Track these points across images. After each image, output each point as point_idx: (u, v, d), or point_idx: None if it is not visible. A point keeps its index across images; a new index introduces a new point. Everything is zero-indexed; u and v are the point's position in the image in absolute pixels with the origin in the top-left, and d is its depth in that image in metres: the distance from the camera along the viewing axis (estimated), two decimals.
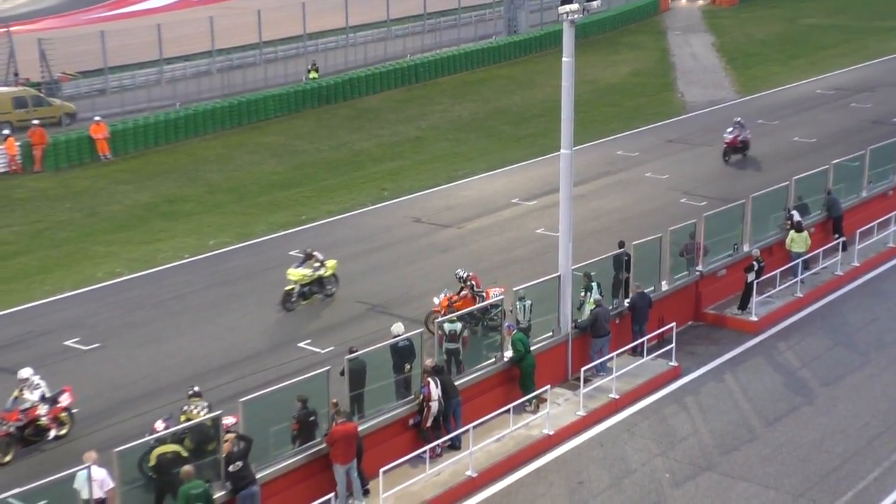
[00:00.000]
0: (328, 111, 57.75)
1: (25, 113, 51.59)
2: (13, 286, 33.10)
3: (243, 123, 54.45)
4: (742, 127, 44.95)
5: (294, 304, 30.16)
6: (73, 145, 47.80)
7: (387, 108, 58.80)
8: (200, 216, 40.39)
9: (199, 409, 21.58)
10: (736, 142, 44.60)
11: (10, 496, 17.85)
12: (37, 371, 24.10)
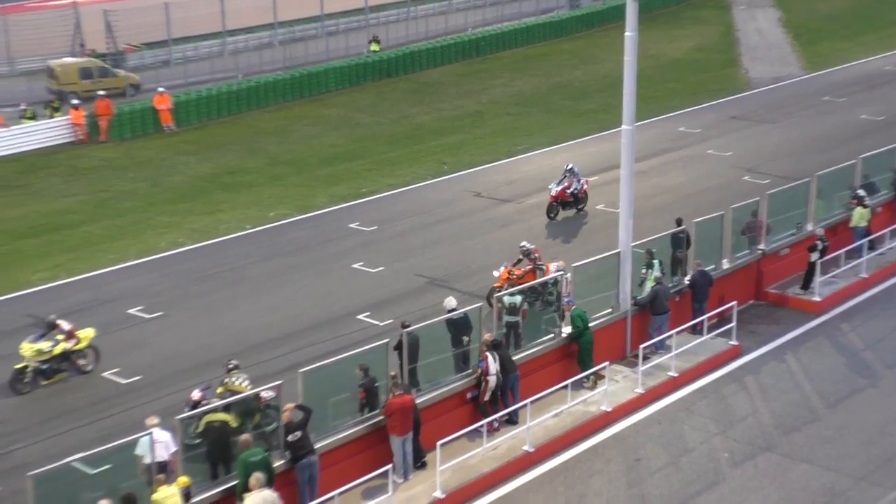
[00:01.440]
0: (389, 84, 57.76)
1: (91, 84, 52.16)
2: (79, 254, 33.57)
3: (304, 96, 54.62)
4: (574, 175, 35.62)
5: (27, 387, 24.55)
6: (137, 116, 48.28)
7: (447, 81, 58.68)
8: (261, 188, 40.65)
9: (238, 381, 21.66)
10: (564, 194, 35.33)
11: (74, 460, 18.16)
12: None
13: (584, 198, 35.65)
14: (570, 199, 35.31)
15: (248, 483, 18.16)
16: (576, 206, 35.56)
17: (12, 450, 21.84)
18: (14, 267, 32.62)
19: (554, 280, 25.50)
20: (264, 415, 20.65)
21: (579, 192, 35.42)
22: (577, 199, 35.45)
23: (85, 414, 23.21)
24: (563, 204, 35.27)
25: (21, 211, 38.26)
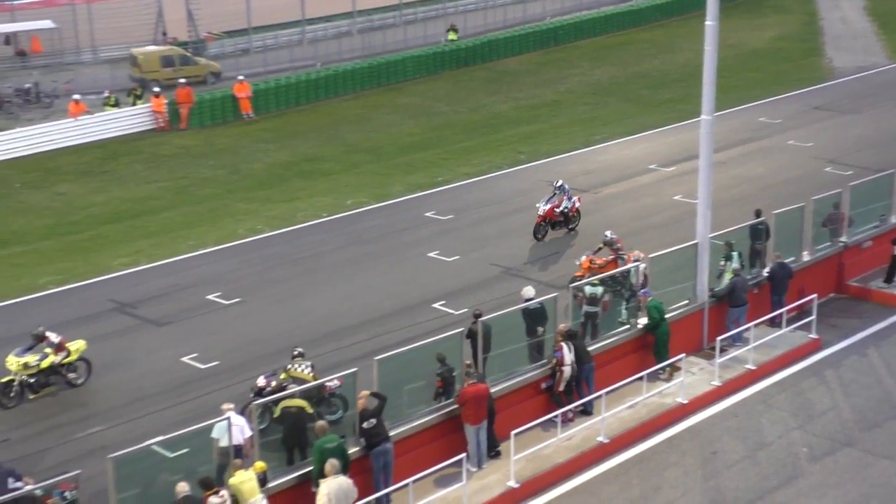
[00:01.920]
0: (466, 73, 57.73)
1: (173, 72, 52.85)
2: (159, 240, 34.07)
3: (382, 84, 54.81)
4: (564, 192, 32.92)
5: (12, 401, 23.61)
6: (217, 104, 48.82)
7: (525, 70, 58.49)
8: (338, 176, 40.89)
9: (302, 368, 21.83)
10: (553, 213, 32.65)
11: (153, 444, 18.46)
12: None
13: (575, 216, 33.12)
14: (560, 218, 32.63)
15: (324, 469, 18.30)
16: (566, 225, 32.90)
17: (93, 432, 22.25)
18: (97, 252, 33.21)
19: (631, 270, 25.32)
20: (329, 403, 20.84)
21: (570, 211, 32.83)
22: (567, 217, 32.83)
23: (164, 398, 23.54)
24: (552, 223, 32.59)
25: (104, 197, 38.93)
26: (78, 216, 36.92)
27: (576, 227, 33.03)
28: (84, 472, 17.37)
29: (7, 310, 28.82)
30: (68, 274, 31.23)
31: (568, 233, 32.90)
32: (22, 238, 34.76)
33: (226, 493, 17.72)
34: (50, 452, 21.45)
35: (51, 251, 33.49)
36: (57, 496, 17.39)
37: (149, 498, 17.93)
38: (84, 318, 27.90)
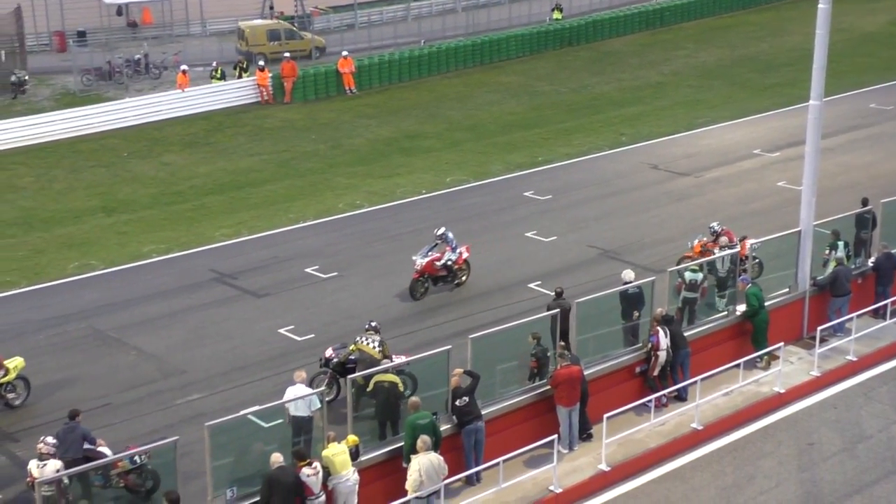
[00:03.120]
0: (570, 53, 57.35)
1: (278, 45, 53.42)
2: (261, 212, 34.53)
3: (485, 62, 54.73)
4: (447, 241, 27.67)
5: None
6: (321, 78, 49.21)
7: (629, 51, 57.91)
8: (439, 153, 40.98)
9: (369, 342, 21.88)
10: (432, 267, 27.43)
11: (249, 413, 18.76)
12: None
13: (462, 269, 28.01)
14: (443, 272, 27.55)
15: (415, 445, 18.41)
16: (451, 279, 27.80)
17: (191, 399, 22.68)
18: (200, 222, 33.78)
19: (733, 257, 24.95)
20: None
21: (455, 263, 27.67)
22: (451, 271, 27.67)
23: (261, 369, 23.86)
24: (434, 279, 27.55)
25: (208, 168, 39.56)
26: (182, 186, 37.59)
27: (464, 280, 28.02)
28: (182, 439, 17.68)
29: (113, 276, 29.49)
30: (171, 243, 31.84)
31: (455, 287, 27.84)
32: (128, 206, 35.52)
33: (318, 465, 17.92)
34: (150, 417, 21.92)
35: (155, 220, 34.17)
36: (127, 460, 17.85)
37: (243, 466, 18.23)
38: (185, 287, 28.43)
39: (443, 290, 27.68)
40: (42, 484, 16.43)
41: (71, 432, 18.41)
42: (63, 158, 40.57)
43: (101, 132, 43.38)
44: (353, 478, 18.28)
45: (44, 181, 38.16)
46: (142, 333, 25.69)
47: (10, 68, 49.23)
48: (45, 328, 26.03)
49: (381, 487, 18.89)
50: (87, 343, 25.36)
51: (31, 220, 34.31)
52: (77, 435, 18.38)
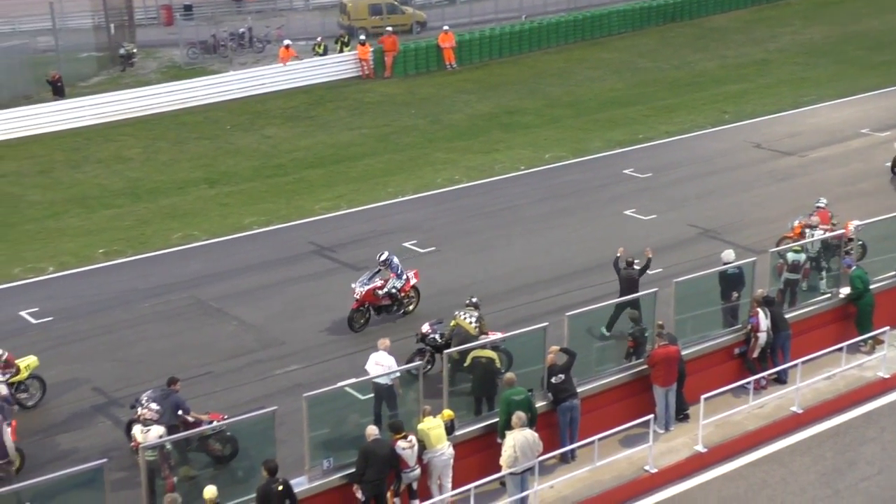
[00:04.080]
0: (672, 29, 56.60)
1: (380, 20, 53.63)
2: (360, 186, 34.78)
3: (586, 38, 54.31)
4: (391, 267, 24.85)
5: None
6: (421, 53, 49.29)
7: (734, 28, 56.95)
8: (538, 129, 40.82)
9: (467, 317, 21.85)
10: (372, 296, 24.55)
11: (346, 385, 18.99)
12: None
13: (409, 297, 25.39)
14: (385, 301, 24.83)
15: (510, 421, 18.43)
16: (396, 309, 25.10)
17: (290, 370, 22.98)
18: (300, 195, 34.14)
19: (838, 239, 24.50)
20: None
21: (401, 291, 25.06)
22: (397, 300, 25.03)
23: (358, 341, 24.02)
24: (377, 309, 24.80)
25: (309, 141, 39.94)
26: (283, 159, 38.02)
27: (412, 309, 25.40)
28: (280, 409, 17.96)
29: (215, 247, 29.98)
30: (272, 215, 32.24)
31: (403, 316, 25.19)
32: (230, 178, 36.05)
33: (413, 439, 18.06)
34: (249, 386, 22.26)
35: (256, 192, 34.63)
36: (206, 425, 18.28)
37: (339, 437, 18.46)
38: (284, 259, 28.79)
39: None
40: (146, 449, 16.83)
41: (164, 399, 18.78)
42: (168, 130, 41.31)
43: (206, 105, 44.06)
44: (448, 452, 18.39)
45: (150, 152, 38.92)
46: (242, 304, 26.09)
47: (120, 42, 50.28)
48: (150, 297, 26.59)
49: (476, 462, 18.97)
50: (189, 312, 25.85)
51: (137, 190, 35.04)
52: (170, 402, 18.75)
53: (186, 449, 17.99)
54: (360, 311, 24.57)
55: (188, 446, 18.03)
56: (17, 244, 30.46)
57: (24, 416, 20.77)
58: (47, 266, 28.72)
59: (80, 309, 25.94)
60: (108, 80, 47.75)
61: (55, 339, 24.18)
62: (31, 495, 16.29)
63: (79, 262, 28.97)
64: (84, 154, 38.61)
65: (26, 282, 27.85)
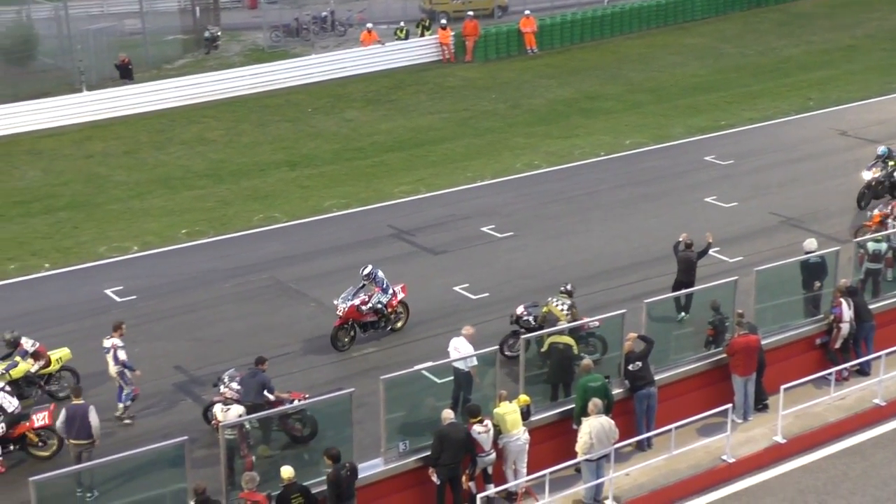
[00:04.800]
0: (757, 15, 55.78)
1: (461, 4, 53.57)
2: (439, 170, 34.85)
3: (669, 23, 53.73)
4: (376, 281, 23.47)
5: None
6: (502, 38, 49.15)
7: (820, 13, 55.97)
8: (619, 115, 40.54)
9: (559, 304, 21.79)
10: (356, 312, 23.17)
11: (422, 368, 19.09)
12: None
13: (395, 313, 23.94)
14: (371, 317, 23.47)
15: (587, 408, 18.40)
16: (384, 325, 23.77)
17: (367, 352, 23.14)
18: (379, 178, 34.30)
19: None
20: (586, 342, 20.81)
21: (387, 307, 23.60)
22: (383, 316, 23.61)
23: (435, 325, 24.12)
24: (362, 325, 23.47)
25: (389, 125, 40.08)
26: (363, 143, 38.21)
27: (401, 325, 24.11)
28: (357, 391, 18.11)
29: (295, 229, 30.27)
30: (351, 198, 32.44)
31: (389, 333, 23.88)
32: (311, 161, 36.33)
33: (489, 423, 18.11)
34: (327, 368, 22.48)
35: (336, 175, 34.86)
36: (288, 405, 18.52)
37: (414, 420, 18.58)
38: (363, 241, 28.97)
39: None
40: (225, 427, 17.08)
41: (252, 377, 19.08)
42: (251, 113, 41.72)
43: (288, 88, 44.40)
44: (524, 437, 18.42)
45: (232, 134, 39.35)
46: (321, 286, 26.30)
47: (205, 25, 50.86)
48: (231, 277, 26.95)
49: (551, 448, 18.98)
50: (269, 293, 26.15)
51: (219, 171, 35.47)
52: (257, 381, 19.03)
53: (267, 428, 18.24)
54: (343, 329, 23.20)
55: (269, 425, 18.27)
56: (103, 223, 31.04)
57: (109, 393, 21.20)
58: (132, 245, 29.25)
59: (163, 288, 26.39)
60: (192, 62, 48.35)
61: (138, 318, 24.60)
62: (115, 472, 16.67)
63: (162, 242, 29.45)
64: (168, 136, 39.19)
65: (111, 260, 28.41)
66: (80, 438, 18.28)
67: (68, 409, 18.35)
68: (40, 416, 19.18)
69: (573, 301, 22.01)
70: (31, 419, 19.30)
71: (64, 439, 18.80)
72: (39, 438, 19.24)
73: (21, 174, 35.47)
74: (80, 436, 18.26)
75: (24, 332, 21.46)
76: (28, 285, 27.11)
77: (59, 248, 29.23)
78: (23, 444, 19.34)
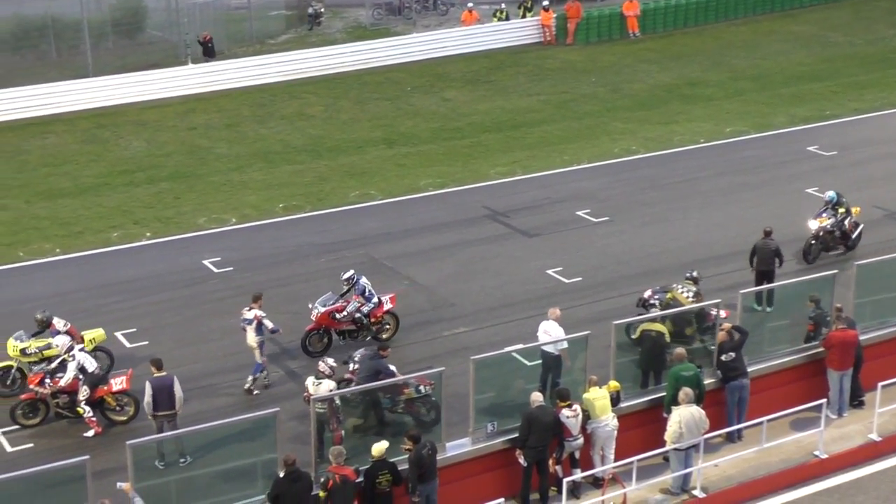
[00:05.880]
0: (868, 3, 54.45)
1: None
2: (536, 152, 34.74)
3: (775, 10, 52.76)
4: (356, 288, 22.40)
5: (9, 389, 20.62)
6: (604, 21, 48.77)
7: None
8: (720, 102, 39.99)
9: (684, 291, 21.57)
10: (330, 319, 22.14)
11: (513, 350, 19.08)
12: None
13: (379, 323, 22.62)
14: (347, 325, 22.25)
15: (677, 397, 18.24)
16: (366, 335, 22.43)
17: (458, 332, 23.21)
18: (476, 159, 34.31)
19: None
20: (703, 331, 20.56)
21: (369, 317, 22.35)
22: (362, 325, 22.36)
23: (527, 307, 24.07)
24: (339, 332, 22.26)
25: (487, 106, 40.04)
26: (461, 122, 38.24)
27: (387, 338, 22.52)
28: (447, 370, 18.19)
29: (390, 207, 30.45)
30: (447, 178, 32.52)
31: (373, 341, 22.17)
32: (409, 139, 36.47)
33: (578, 408, 18.06)
34: (417, 346, 22.60)
35: (433, 154, 34.96)
36: (413, 388, 18.54)
37: (503, 402, 18.60)
38: (458, 221, 29.03)
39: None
40: (315, 401, 17.28)
41: (369, 360, 19.06)
42: (350, 90, 42.00)
43: (388, 66, 44.60)
44: (613, 423, 18.33)
45: (332, 111, 39.67)
46: (414, 264, 26.45)
47: (309, 1, 51.27)
48: (326, 252, 27.22)
49: (640, 435, 18.86)
50: (362, 270, 26.16)
51: (318, 147, 35.80)
52: (372, 366, 19.00)
53: (392, 409, 18.26)
54: (317, 335, 22.10)
55: (394, 406, 18.30)
56: (203, 195, 31.56)
57: (202, 363, 21.59)
58: (230, 217, 29.70)
59: (259, 261, 26.75)
60: (295, 38, 48.83)
61: (234, 289, 25.00)
62: (207, 440, 16.99)
63: (259, 215, 29.86)
64: (269, 110, 39.65)
65: (210, 232, 28.90)
66: (164, 409, 18.53)
67: (152, 383, 18.56)
68: (118, 381, 19.57)
69: (699, 288, 21.75)
70: (109, 383, 19.71)
71: (141, 406, 19.00)
72: (117, 403, 19.64)
73: (126, 144, 36.23)
74: (164, 407, 18.52)
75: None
76: (129, 253, 27.71)
77: (160, 218, 29.81)
78: (101, 408, 19.76)
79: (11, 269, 26.78)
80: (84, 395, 19.39)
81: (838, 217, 25.85)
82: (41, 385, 19.58)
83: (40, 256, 27.45)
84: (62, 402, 19.62)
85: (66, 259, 27.42)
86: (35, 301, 24.11)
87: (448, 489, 17.38)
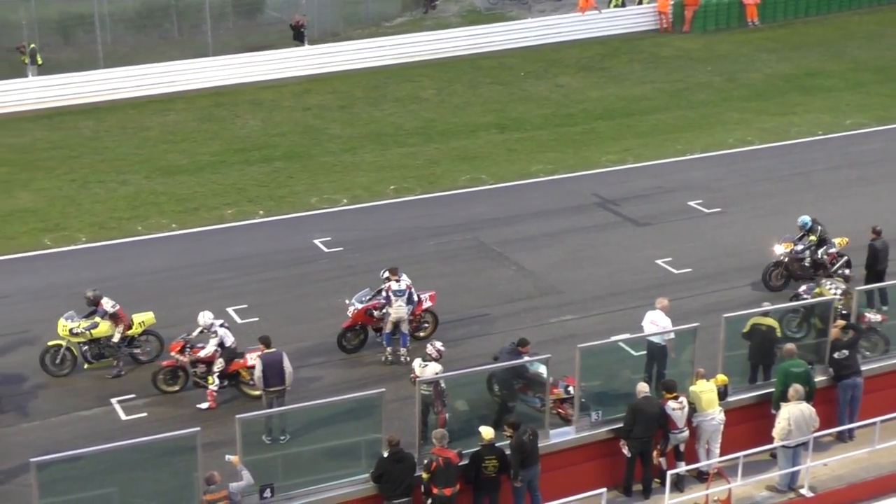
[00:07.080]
0: None
1: None
2: (648, 141, 34.41)
3: None
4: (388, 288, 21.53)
5: (59, 368, 20.93)
6: (722, 9, 47.97)
7: None
8: (840, 93, 39.12)
9: (832, 288, 20.98)
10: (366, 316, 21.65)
11: (619, 340, 18.98)
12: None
13: (419, 322, 22.11)
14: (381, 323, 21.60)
15: (787, 393, 17.96)
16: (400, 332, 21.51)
17: (565, 319, 23.16)
18: (587, 146, 34.13)
19: None
20: (868, 338, 20.01)
21: (409, 315, 21.46)
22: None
23: (635, 297, 23.88)
24: (376, 329, 21.80)
25: (600, 93, 39.76)
26: (573, 109, 38.05)
27: (424, 336, 21.89)
28: (553, 357, 18.18)
29: (500, 192, 30.48)
30: (558, 164, 32.41)
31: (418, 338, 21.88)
32: (520, 125, 36.41)
33: (685, 400, 17.90)
34: (524, 332, 22.44)
35: (544, 140, 34.85)
36: (562, 388, 18.74)
37: (609, 391, 18.53)
38: (567, 208, 28.94)
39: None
40: (421, 383, 17.42)
41: (507, 355, 19.08)
42: (463, 74, 42.06)
43: (501, 51, 44.53)
44: (719, 417, 18.14)
45: (444, 94, 39.79)
46: (523, 250, 26.43)
47: None
48: (434, 235, 27.36)
49: (747, 430, 18.64)
50: (471, 254, 26.44)
51: (430, 130, 35.95)
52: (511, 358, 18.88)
53: (541, 407, 18.26)
54: (353, 331, 21.77)
55: (542, 405, 18.29)
56: (315, 175, 31.95)
57: (309, 340, 21.90)
58: (341, 198, 30.03)
59: (368, 242, 27.00)
60: (410, 21, 49.05)
61: (343, 269, 25.30)
62: (314, 417, 17.25)
63: (370, 197, 30.13)
64: (382, 92, 39.92)
65: (321, 212, 29.26)
66: (274, 385, 18.88)
67: (263, 359, 18.90)
68: (253, 356, 19.95)
69: (848, 286, 21.29)
70: (244, 357, 20.09)
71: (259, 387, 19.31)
72: (251, 377, 20.00)
73: (243, 123, 36.84)
74: (274, 383, 18.86)
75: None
76: (243, 230, 28.21)
77: (273, 197, 30.28)
78: (236, 381, 20.21)
79: (129, 243, 27.46)
80: (219, 367, 19.90)
81: (808, 244, 23.76)
82: (181, 353, 20.17)
83: (157, 231, 28.12)
84: (199, 371, 20.18)
85: (181, 234, 28.03)
86: (149, 275, 24.79)
87: (550, 476, 17.38)
